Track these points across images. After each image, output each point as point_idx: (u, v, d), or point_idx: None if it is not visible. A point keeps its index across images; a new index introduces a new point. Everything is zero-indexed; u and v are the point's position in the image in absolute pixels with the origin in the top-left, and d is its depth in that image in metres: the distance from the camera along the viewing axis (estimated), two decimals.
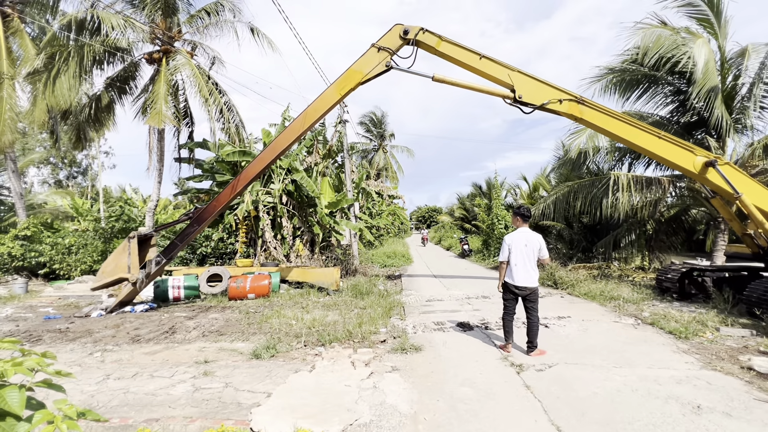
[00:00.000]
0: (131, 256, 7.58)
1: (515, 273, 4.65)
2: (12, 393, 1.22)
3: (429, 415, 3.29)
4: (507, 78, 6.81)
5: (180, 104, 14.13)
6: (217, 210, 7.96)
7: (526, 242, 4.67)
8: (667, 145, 6.47)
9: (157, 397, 3.69)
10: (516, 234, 4.79)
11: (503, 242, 4.81)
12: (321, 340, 5.35)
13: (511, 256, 4.69)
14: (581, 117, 6.72)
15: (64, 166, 34.19)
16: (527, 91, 6.78)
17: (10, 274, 11.89)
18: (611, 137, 7.41)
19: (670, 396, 3.53)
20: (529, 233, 4.75)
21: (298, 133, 7.51)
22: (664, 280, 7.95)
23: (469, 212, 34.75)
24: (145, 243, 8.18)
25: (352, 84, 7.17)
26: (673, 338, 5.25)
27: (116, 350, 5.30)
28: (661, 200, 10.12)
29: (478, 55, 6.89)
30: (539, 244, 4.69)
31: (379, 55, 7.08)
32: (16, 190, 13.87)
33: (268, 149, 7.82)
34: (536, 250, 4.67)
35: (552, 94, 6.77)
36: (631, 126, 6.59)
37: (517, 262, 4.65)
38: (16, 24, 12.74)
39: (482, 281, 11.22)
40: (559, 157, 16.23)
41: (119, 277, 7.57)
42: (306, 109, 7.52)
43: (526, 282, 4.63)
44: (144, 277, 7.74)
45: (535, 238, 4.70)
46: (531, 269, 4.65)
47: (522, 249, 4.65)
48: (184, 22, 13.63)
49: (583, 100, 6.71)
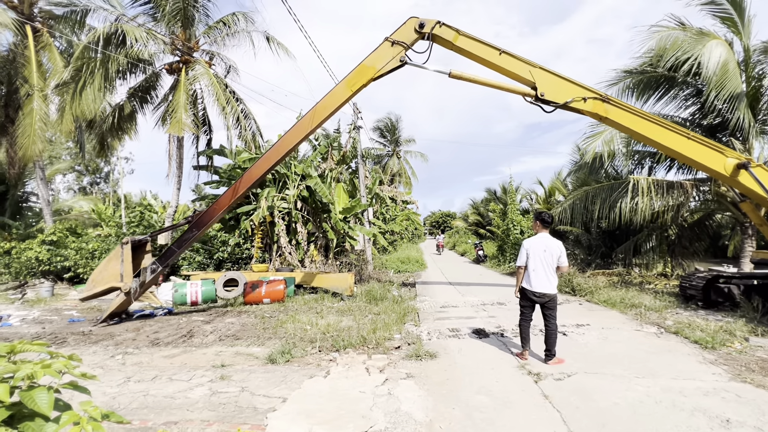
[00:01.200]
0: (124, 263, 7.03)
1: (533, 279, 4.53)
2: (41, 394, 1.26)
3: (444, 423, 3.25)
4: (528, 75, 6.53)
5: (198, 112, 14.52)
6: (217, 214, 7.57)
7: (545, 248, 4.54)
8: (696, 146, 6.20)
9: (176, 400, 3.75)
10: (535, 239, 4.66)
11: (521, 247, 4.70)
12: (335, 345, 5.36)
13: (530, 261, 4.57)
14: (606, 116, 6.46)
15: (88, 174, 35.46)
16: (550, 88, 6.50)
17: (37, 278, 12.33)
18: (637, 138, 7.12)
19: (696, 408, 3.39)
20: (549, 239, 4.61)
21: (306, 132, 7.12)
22: (688, 287, 7.69)
23: (484, 217, 34.42)
24: (140, 249, 7.65)
25: (364, 80, 6.82)
26: (699, 348, 5.05)
27: (136, 353, 5.42)
28: (683, 205, 9.82)
29: (498, 50, 6.58)
30: (559, 250, 4.55)
31: (392, 49, 6.74)
32: (44, 197, 14.43)
33: (273, 149, 7.38)
34: (556, 257, 4.53)
35: (576, 91, 6.50)
36: (658, 126, 6.32)
37: (535, 267, 4.53)
38: (46, 38, 13.33)
39: (498, 287, 11.07)
40: (575, 162, 15.96)
41: (111, 286, 7.04)
42: (314, 107, 7.08)
43: (545, 288, 4.51)
44: (138, 286, 7.18)
45: (555, 245, 4.57)
46: (550, 275, 4.52)
47: (541, 254, 4.52)
48: (202, 33, 14.06)
49: (609, 99, 6.45)
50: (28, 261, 12.18)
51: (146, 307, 8.68)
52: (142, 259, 7.58)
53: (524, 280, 4.65)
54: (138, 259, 7.51)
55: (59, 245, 12.65)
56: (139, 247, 7.63)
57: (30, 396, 1.24)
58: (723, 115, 9.15)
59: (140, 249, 7.64)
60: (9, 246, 12.58)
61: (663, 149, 6.62)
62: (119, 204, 27.14)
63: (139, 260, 7.52)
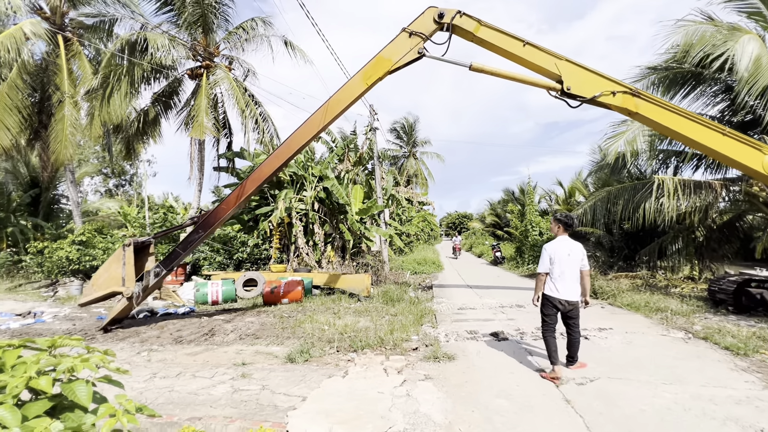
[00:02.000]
0: (126, 267, 6.62)
1: (559, 286, 4.24)
2: (80, 387, 1.32)
3: (464, 426, 3.23)
4: (554, 67, 6.19)
5: (219, 116, 14.88)
6: (225, 215, 7.20)
7: (569, 251, 4.27)
8: (732, 143, 5.89)
9: (199, 397, 3.85)
10: (558, 243, 4.37)
11: (543, 251, 4.36)
12: (353, 346, 5.39)
13: (554, 267, 4.26)
14: (636, 111, 6.15)
15: (114, 176, 36.76)
16: (576, 82, 6.17)
17: (67, 277, 12.85)
18: (668, 134, 6.75)
19: (728, 417, 3.26)
20: (572, 242, 4.36)
21: (318, 128, 6.75)
22: (717, 291, 7.39)
23: (501, 218, 33.95)
24: (143, 251, 7.26)
25: (380, 73, 6.48)
26: (730, 355, 4.85)
27: (161, 350, 5.59)
28: (712, 205, 9.44)
29: (522, 41, 6.23)
30: (582, 254, 4.33)
31: (410, 40, 6.39)
32: (74, 199, 15.04)
33: (283, 146, 6.93)
34: (579, 261, 4.28)
35: (604, 85, 6.17)
36: (692, 121, 6.00)
37: (561, 273, 4.23)
38: (76, 47, 13.92)
39: (516, 290, 10.90)
40: (596, 162, 15.58)
41: (112, 290, 6.69)
42: (327, 101, 6.69)
43: (570, 295, 4.23)
44: (141, 291, 6.80)
45: (578, 248, 4.33)
46: (575, 281, 4.28)
47: (565, 259, 4.24)
48: (222, 38, 14.41)
49: (639, 93, 6.15)
50: (59, 260, 12.71)
51: (169, 305, 8.93)
52: (146, 262, 7.17)
53: (547, 288, 4.33)
54: (141, 262, 7.10)
55: (88, 245, 13.16)
56: (142, 249, 7.25)
57: (71, 388, 1.30)
58: (755, 111, 8.76)
59: (143, 251, 7.26)
60: (42, 246, 13.16)
61: (696, 146, 6.30)
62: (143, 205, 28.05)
63: (142, 263, 7.12)
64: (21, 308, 8.89)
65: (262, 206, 12.98)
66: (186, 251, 7.21)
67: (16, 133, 13.21)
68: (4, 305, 9.39)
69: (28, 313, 8.33)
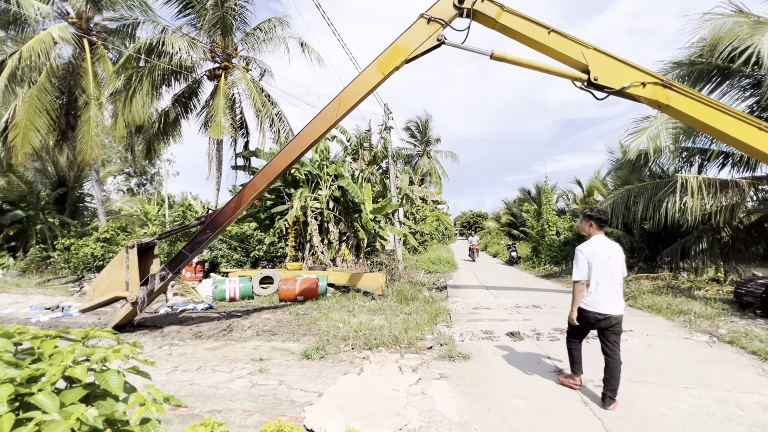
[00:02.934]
0: (130, 270, 6.28)
1: (597, 296, 3.50)
2: (113, 376, 1.39)
3: (480, 425, 3.22)
4: (580, 56, 5.89)
5: (236, 116, 15.16)
6: (234, 214, 6.85)
7: (610, 254, 3.53)
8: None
9: (219, 390, 3.95)
10: (595, 244, 3.62)
11: (578, 255, 3.61)
12: (368, 343, 5.43)
13: (592, 273, 3.52)
14: (667, 104, 5.86)
15: (135, 176, 37.88)
16: (604, 72, 5.85)
17: (92, 272, 13.34)
18: (699, 128, 6.44)
19: (755, 423, 3.16)
20: (610, 243, 3.63)
21: (331, 121, 6.44)
22: (744, 293, 7.13)
23: (517, 218, 33.52)
24: (146, 254, 6.95)
25: (397, 62, 6.14)
26: (758, 359, 4.68)
27: (181, 345, 5.75)
28: (739, 205, 9.10)
29: (547, 28, 5.90)
30: (623, 257, 3.62)
31: (428, 27, 6.05)
32: (98, 197, 15.59)
33: (294, 141, 6.65)
34: (621, 265, 3.59)
35: (634, 75, 5.86)
36: (726, 114, 5.72)
37: (599, 280, 3.49)
38: (101, 50, 14.41)
39: (532, 291, 10.76)
40: (615, 160, 15.22)
41: (115, 295, 6.34)
42: (341, 93, 6.37)
43: (612, 308, 3.47)
44: (146, 295, 6.44)
45: (618, 250, 3.59)
46: (617, 290, 3.52)
47: (605, 263, 3.50)
48: (240, 40, 14.67)
49: (671, 84, 5.86)
50: (84, 257, 13.21)
51: (189, 302, 9.17)
52: (150, 265, 6.87)
53: (582, 300, 3.62)
54: (145, 265, 6.78)
55: (111, 242, 13.62)
56: (146, 251, 6.94)
57: (104, 377, 1.37)
58: None
59: (147, 253, 6.96)
60: (68, 243, 13.70)
61: (729, 141, 6.02)
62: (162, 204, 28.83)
63: (146, 266, 6.81)
64: (50, 302, 9.28)
65: (277, 205, 13.15)
66: (193, 253, 6.82)
67: (45, 134, 13.76)
68: (35, 299, 9.82)
69: (57, 307, 8.68)
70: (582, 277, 3.55)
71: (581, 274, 3.54)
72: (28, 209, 17.20)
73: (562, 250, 16.36)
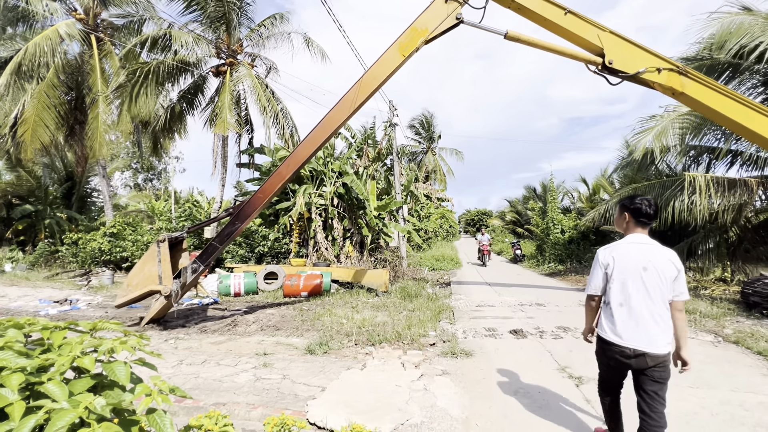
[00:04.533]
0: (162, 264, 6.38)
1: (621, 323, 2.39)
2: (120, 367, 1.42)
3: (481, 421, 3.24)
4: (596, 39, 5.80)
5: (242, 112, 15.20)
6: (262, 203, 6.95)
7: (647, 263, 2.37)
8: None
9: (224, 384, 4.00)
10: (624, 246, 2.49)
11: (596, 259, 2.58)
12: (371, 339, 5.46)
13: (613, 285, 2.45)
14: (682, 91, 5.71)
15: (142, 171, 38.20)
16: (619, 55, 5.75)
17: (99, 267, 13.50)
18: (713, 117, 6.25)
19: (759, 424, 3.14)
20: (653, 248, 2.44)
21: (353, 107, 6.45)
22: (751, 293, 7.07)
23: (522, 216, 33.37)
24: (177, 247, 7.17)
25: (417, 42, 6.16)
26: (763, 360, 4.65)
27: (187, 339, 5.82)
28: (747, 204, 9.00)
29: (564, 9, 5.83)
30: (675, 269, 2.35)
31: (446, 6, 6.06)
32: (106, 192, 15.74)
33: (318, 128, 6.68)
34: (669, 281, 2.34)
35: (650, 61, 5.73)
36: (742, 104, 5.57)
37: (624, 300, 2.40)
38: (108, 47, 14.50)
39: (536, 289, 10.73)
40: (622, 158, 15.09)
41: (149, 289, 6.43)
42: (361, 78, 6.38)
43: (647, 342, 2.32)
44: (179, 288, 6.57)
45: (664, 260, 2.37)
46: (656, 316, 2.33)
47: (637, 276, 2.38)
48: (245, 36, 14.69)
49: (687, 72, 5.72)
50: (92, 251, 13.36)
51: (194, 296, 9.26)
52: (180, 258, 7.08)
53: (602, 325, 2.52)
54: (175, 258, 6.98)
55: (118, 237, 13.76)
56: (176, 245, 7.15)
57: (111, 368, 1.40)
58: None
59: (177, 247, 7.18)
60: (76, 237, 13.86)
61: (744, 132, 5.86)
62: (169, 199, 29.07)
63: (176, 259, 7.01)
64: (58, 296, 9.42)
65: (282, 201, 13.21)
66: (224, 244, 6.98)
67: (54, 130, 13.89)
68: (43, 292, 9.97)
69: (65, 300, 8.81)
70: (594, 291, 2.56)
71: (593, 287, 2.56)
72: (36, 204, 17.43)
73: (566, 248, 16.28)
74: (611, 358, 2.45)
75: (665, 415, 2.36)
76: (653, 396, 2.35)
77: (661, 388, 2.35)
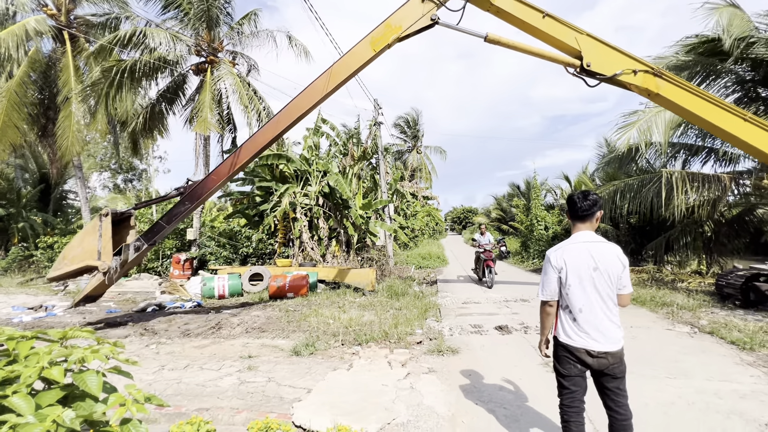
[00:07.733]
0: (102, 239, 6.01)
1: (580, 325, 2.33)
2: (91, 377, 1.36)
3: (467, 418, 3.26)
4: (574, 42, 5.92)
5: (223, 111, 14.92)
6: (214, 186, 6.81)
7: (597, 262, 2.30)
8: (753, 129, 5.72)
9: (207, 388, 3.92)
10: (572, 247, 2.37)
11: (546, 262, 2.45)
12: (358, 339, 5.44)
13: (569, 289, 2.34)
14: (657, 92, 5.90)
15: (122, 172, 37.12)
16: (597, 58, 5.89)
17: None
18: (687, 117, 6.46)
19: (732, 411, 3.26)
20: (599, 246, 2.34)
21: (320, 95, 6.30)
22: (725, 285, 7.34)
23: (506, 213, 33.85)
24: (123, 224, 6.75)
25: (389, 39, 6.08)
26: (736, 349, 4.83)
27: (169, 343, 5.68)
28: (720, 199, 9.34)
29: (542, 12, 5.93)
30: (621, 265, 2.30)
31: (422, 6, 6.03)
32: (82, 194, 15.23)
33: (282, 113, 6.47)
34: (615, 277, 2.30)
35: (626, 63, 5.91)
36: (713, 104, 5.80)
37: (583, 304, 2.32)
38: (82, 44, 14.01)
39: (521, 284, 10.90)
40: (602, 155, 15.46)
41: (86, 264, 6.07)
42: (331, 67, 6.26)
43: (602, 342, 2.30)
44: (118, 266, 6.19)
45: (611, 256, 2.31)
46: (611, 315, 2.33)
47: (588, 277, 2.30)
48: (225, 33, 14.42)
49: (662, 73, 5.92)
50: None
51: (177, 300, 9.06)
52: (126, 236, 6.70)
53: (560, 327, 2.43)
54: (120, 235, 6.63)
55: None
56: (122, 222, 6.72)
57: (82, 378, 1.34)
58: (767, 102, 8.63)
59: (123, 224, 6.74)
60: (52, 241, 13.39)
61: (716, 131, 6.11)
62: None
63: (122, 236, 6.65)
64: (33, 302, 9.07)
65: (266, 202, 13.04)
66: (171, 224, 6.77)
67: (26, 130, 13.36)
68: (17, 299, 9.59)
69: (40, 306, 8.49)
70: (550, 297, 2.41)
71: (549, 292, 2.40)
72: (8, 207, 16.73)
73: (550, 244, 16.58)
74: (572, 361, 2.39)
75: (628, 406, 2.44)
76: (617, 392, 2.41)
77: (622, 382, 2.42)
